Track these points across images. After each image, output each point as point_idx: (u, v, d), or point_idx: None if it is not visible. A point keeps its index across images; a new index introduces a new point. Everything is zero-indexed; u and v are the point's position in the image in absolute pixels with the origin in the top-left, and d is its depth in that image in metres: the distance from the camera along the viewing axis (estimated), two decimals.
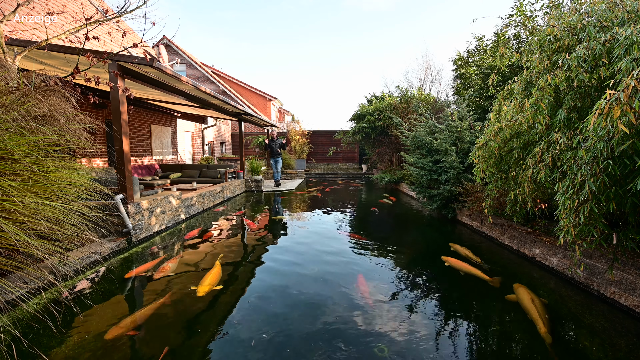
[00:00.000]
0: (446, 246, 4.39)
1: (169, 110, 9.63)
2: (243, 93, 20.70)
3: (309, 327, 2.42)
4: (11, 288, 2.34)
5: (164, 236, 4.88)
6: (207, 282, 3.13)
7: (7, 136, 2.21)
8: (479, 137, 4.65)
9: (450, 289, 3.15)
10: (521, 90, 3.20)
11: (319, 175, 16.44)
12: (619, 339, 2.29)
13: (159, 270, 3.48)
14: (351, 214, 6.75)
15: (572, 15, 2.82)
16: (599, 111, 2.01)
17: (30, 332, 2.28)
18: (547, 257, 3.61)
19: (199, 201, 6.55)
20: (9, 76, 2.64)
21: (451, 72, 11.51)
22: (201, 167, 9.07)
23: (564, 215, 2.30)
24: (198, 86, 5.22)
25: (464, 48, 21.22)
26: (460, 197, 5.64)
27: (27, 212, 2.15)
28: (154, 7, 33.83)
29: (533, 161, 2.82)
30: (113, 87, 4.04)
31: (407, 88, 13.41)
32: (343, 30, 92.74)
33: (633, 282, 2.62)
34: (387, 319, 2.54)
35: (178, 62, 16.55)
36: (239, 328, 2.41)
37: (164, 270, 3.47)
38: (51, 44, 3.54)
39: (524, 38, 5.80)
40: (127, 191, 4.29)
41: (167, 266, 3.58)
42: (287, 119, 27.72)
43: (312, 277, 3.36)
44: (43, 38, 4.93)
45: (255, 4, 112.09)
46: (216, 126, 15.64)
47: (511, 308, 2.73)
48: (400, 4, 69.40)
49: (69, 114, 2.58)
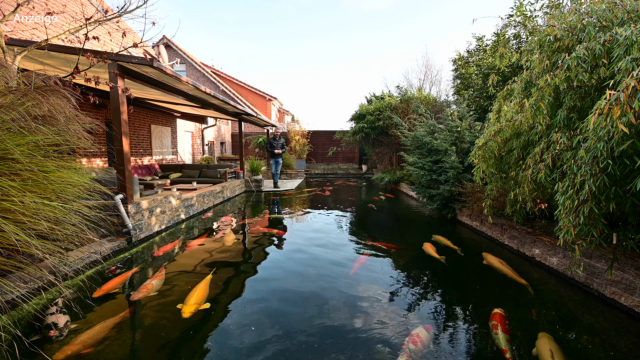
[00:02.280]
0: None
1: (169, 110, 9.63)
2: (243, 93, 20.70)
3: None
4: (11, 288, 2.34)
5: (164, 236, 4.88)
6: (192, 300, 2.74)
7: (7, 136, 2.21)
8: (478, 137, 4.64)
9: (451, 288, 3.15)
10: (521, 90, 3.20)
11: (319, 175, 16.44)
12: (619, 339, 2.29)
13: (140, 290, 2.97)
14: (351, 214, 6.75)
15: (572, 15, 2.82)
16: (598, 111, 2.01)
17: (30, 332, 2.28)
18: (547, 257, 3.61)
19: (199, 201, 6.55)
20: (9, 76, 2.64)
21: (451, 72, 11.52)
22: (201, 167, 9.08)
23: (564, 215, 2.30)
24: (198, 86, 5.22)
25: (463, 48, 21.24)
26: (460, 197, 5.64)
27: (27, 212, 2.15)
28: (154, 7, 33.85)
29: (533, 161, 2.82)
30: (113, 87, 4.04)
31: (407, 88, 13.43)
32: (342, 31, 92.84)
33: (633, 282, 2.63)
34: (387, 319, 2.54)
35: (178, 62, 16.55)
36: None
37: (146, 289, 2.97)
38: (51, 44, 3.54)
39: (524, 38, 5.80)
40: (127, 191, 4.29)
41: (150, 284, 3.07)
42: (287, 119, 27.72)
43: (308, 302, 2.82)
44: (43, 38, 4.92)
45: (253, 4, 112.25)
46: (216, 126, 15.64)
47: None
48: (398, 4, 69.44)
49: (69, 114, 2.58)
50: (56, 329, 2.24)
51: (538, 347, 2.14)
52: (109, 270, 3.48)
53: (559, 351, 2.08)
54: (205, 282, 3.15)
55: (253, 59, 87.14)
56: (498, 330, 2.28)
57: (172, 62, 15.50)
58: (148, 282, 3.14)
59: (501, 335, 2.23)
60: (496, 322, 2.38)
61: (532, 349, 2.14)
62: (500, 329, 2.30)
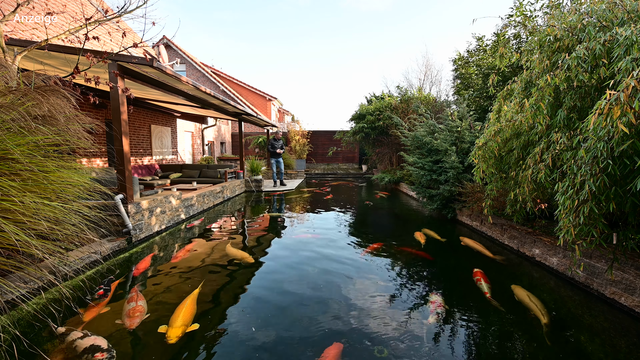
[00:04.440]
0: (445, 245, 4.41)
1: (169, 110, 9.63)
2: (243, 93, 20.70)
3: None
4: (11, 288, 2.34)
5: (164, 236, 4.88)
6: (178, 322, 2.38)
7: (7, 136, 2.21)
8: (479, 137, 4.65)
9: (451, 288, 3.15)
10: (521, 90, 3.20)
11: (319, 175, 16.44)
12: (619, 339, 2.29)
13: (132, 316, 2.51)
14: (351, 215, 6.75)
15: (572, 15, 2.83)
16: (599, 111, 2.01)
17: (30, 331, 2.28)
18: (547, 257, 3.61)
19: (199, 201, 6.55)
20: (9, 76, 2.64)
21: (451, 72, 11.52)
22: (201, 167, 9.08)
23: (564, 215, 2.30)
24: (198, 86, 5.22)
25: (463, 48, 21.25)
26: (460, 197, 5.64)
27: (27, 212, 2.15)
28: (154, 7, 33.84)
29: (533, 161, 2.82)
30: (113, 87, 4.04)
31: (407, 88, 13.43)
32: (342, 31, 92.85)
33: (633, 282, 2.62)
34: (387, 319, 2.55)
35: (178, 62, 16.55)
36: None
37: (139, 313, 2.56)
38: (51, 44, 3.54)
39: (524, 38, 5.80)
40: (127, 191, 4.29)
41: (140, 307, 2.64)
42: (287, 119, 27.72)
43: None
44: (43, 38, 4.93)
45: (252, 4, 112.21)
46: (216, 126, 15.64)
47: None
48: (397, 4, 69.42)
49: (68, 114, 2.58)
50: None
51: (516, 294, 2.93)
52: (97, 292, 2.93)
53: (532, 295, 2.85)
54: (193, 298, 2.77)
55: (253, 59, 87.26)
56: (481, 281, 3.17)
57: (172, 62, 15.50)
58: (134, 305, 2.65)
59: (484, 284, 3.10)
60: (479, 277, 3.27)
61: (503, 295, 2.96)
62: (483, 280, 3.18)
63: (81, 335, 2.22)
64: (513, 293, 2.97)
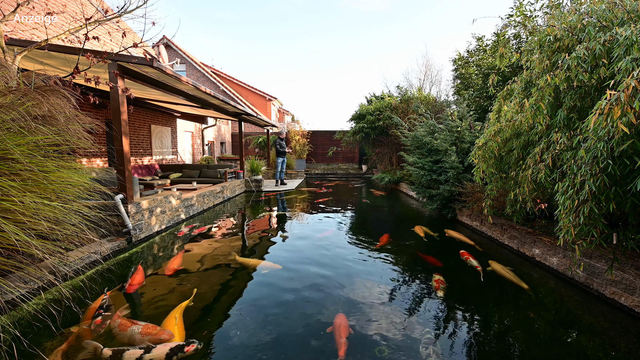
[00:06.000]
0: (444, 245, 4.42)
1: (169, 110, 9.63)
2: (243, 93, 20.70)
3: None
4: (11, 288, 2.34)
5: (164, 236, 4.88)
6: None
7: (7, 136, 2.21)
8: (479, 137, 4.65)
9: (451, 287, 3.16)
10: (521, 90, 3.20)
11: (319, 175, 16.44)
12: (619, 339, 2.29)
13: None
14: (351, 215, 6.75)
15: (572, 15, 2.83)
16: (599, 111, 2.01)
17: (30, 332, 2.28)
18: (547, 257, 3.61)
19: (199, 201, 6.55)
20: (9, 76, 2.64)
21: (451, 72, 11.52)
22: (201, 167, 9.08)
23: (564, 215, 2.30)
24: (198, 86, 5.22)
25: (463, 48, 21.25)
26: (460, 197, 5.64)
27: (27, 212, 2.15)
28: (154, 7, 33.83)
29: (533, 161, 2.82)
30: (113, 87, 4.04)
31: (407, 88, 13.43)
32: (342, 31, 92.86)
33: (633, 282, 2.62)
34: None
35: (178, 62, 16.55)
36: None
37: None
38: (51, 44, 3.54)
39: (524, 38, 5.80)
40: (127, 191, 4.29)
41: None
42: (287, 119, 27.73)
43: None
44: (43, 38, 4.92)
45: (252, 4, 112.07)
46: (216, 126, 15.64)
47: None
48: (396, 4, 69.40)
49: (68, 114, 2.58)
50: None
51: (494, 268, 3.58)
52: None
53: (506, 268, 3.53)
54: (179, 312, 2.53)
55: (253, 59, 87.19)
56: (470, 258, 3.80)
57: (172, 62, 15.50)
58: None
59: (472, 260, 3.75)
60: (466, 256, 3.90)
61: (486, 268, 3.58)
62: (471, 257, 3.82)
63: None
64: (492, 268, 3.57)
